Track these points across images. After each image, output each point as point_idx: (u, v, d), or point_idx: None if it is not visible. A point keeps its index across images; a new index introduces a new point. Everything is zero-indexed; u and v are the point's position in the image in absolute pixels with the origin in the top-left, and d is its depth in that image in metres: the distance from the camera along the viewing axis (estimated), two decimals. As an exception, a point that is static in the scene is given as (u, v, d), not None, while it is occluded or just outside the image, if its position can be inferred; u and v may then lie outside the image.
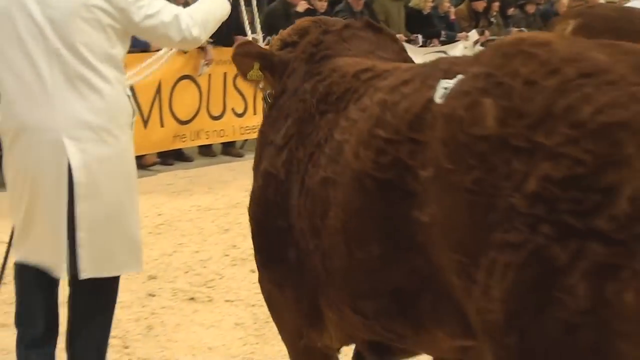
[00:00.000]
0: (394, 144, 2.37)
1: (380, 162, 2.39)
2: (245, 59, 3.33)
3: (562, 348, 1.94)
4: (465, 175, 2.07)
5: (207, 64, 8.85)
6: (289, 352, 3.21)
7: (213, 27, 3.76)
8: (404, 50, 3.38)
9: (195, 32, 3.65)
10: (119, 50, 3.50)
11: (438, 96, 2.27)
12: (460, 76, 2.26)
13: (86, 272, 3.38)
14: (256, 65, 3.31)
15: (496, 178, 2.01)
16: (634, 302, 1.82)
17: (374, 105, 2.57)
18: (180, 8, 3.76)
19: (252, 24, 4.75)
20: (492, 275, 2.00)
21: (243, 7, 4.52)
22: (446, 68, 2.41)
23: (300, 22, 3.42)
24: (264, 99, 3.50)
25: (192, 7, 3.80)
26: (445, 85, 2.28)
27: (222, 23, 4.47)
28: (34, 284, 3.53)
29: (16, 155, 3.41)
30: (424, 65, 2.76)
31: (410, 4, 11.89)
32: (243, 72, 3.36)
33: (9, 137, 3.43)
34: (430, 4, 11.89)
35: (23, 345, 3.56)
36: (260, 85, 3.42)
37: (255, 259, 3.13)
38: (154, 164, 8.87)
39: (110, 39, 3.45)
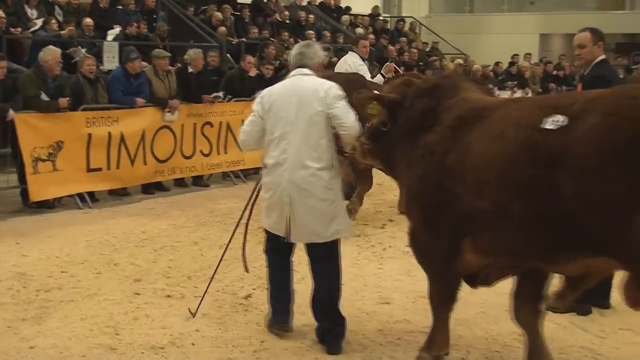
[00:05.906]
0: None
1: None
2: (365, 100, 3.88)
3: None
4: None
5: (169, 112, 8.71)
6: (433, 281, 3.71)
7: None
8: (490, 91, 4.06)
9: None
10: None
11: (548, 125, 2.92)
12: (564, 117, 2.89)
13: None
14: (374, 103, 3.85)
15: None
16: None
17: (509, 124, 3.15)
18: None
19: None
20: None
21: None
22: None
23: (408, 79, 4.02)
24: (371, 125, 4.00)
25: None
26: (557, 119, 2.92)
27: (193, 86, 4.55)
28: None
29: None
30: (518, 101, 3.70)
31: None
32: (362, 108, 3.90)
33: None
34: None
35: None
36: (374, 113, 3.88)
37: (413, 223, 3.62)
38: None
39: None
